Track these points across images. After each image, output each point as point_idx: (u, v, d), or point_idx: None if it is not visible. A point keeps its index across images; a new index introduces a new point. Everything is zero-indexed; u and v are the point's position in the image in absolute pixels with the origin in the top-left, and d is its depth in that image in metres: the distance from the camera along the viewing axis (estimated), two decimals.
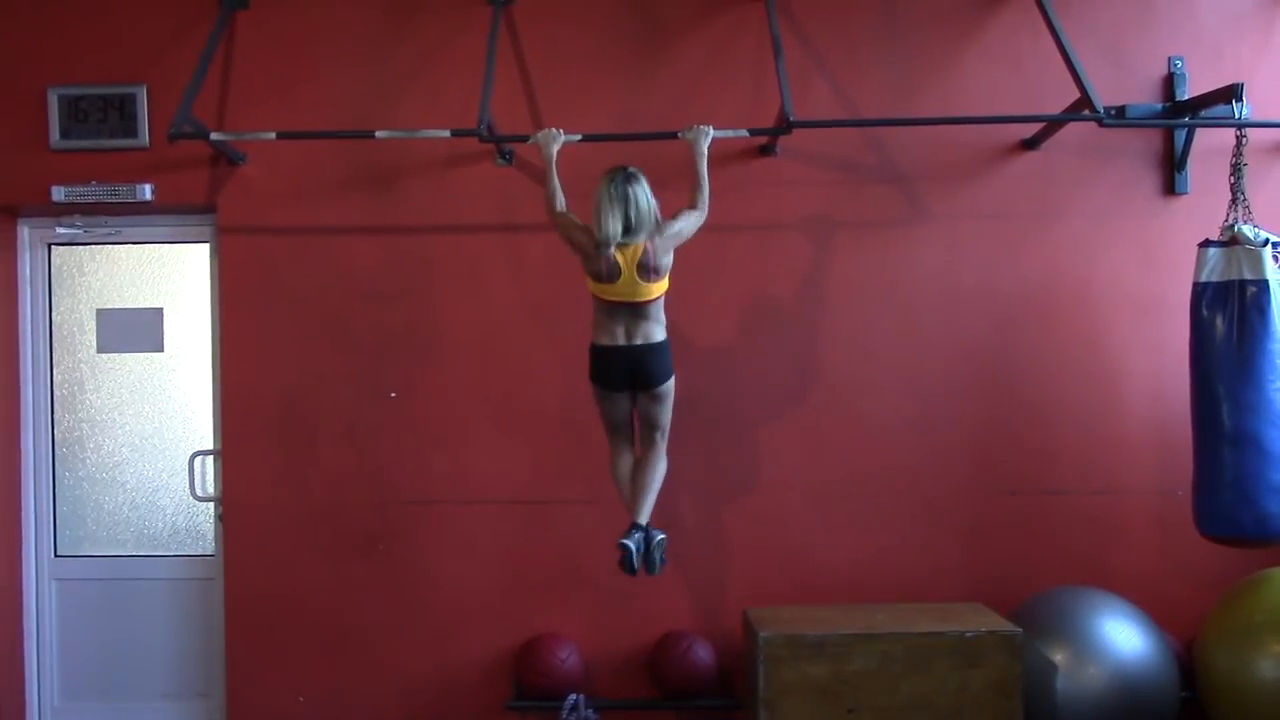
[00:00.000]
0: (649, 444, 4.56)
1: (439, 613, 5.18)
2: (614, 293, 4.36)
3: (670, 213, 4.45)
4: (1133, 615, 4.74)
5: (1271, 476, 4.44)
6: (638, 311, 4.40)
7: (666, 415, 4.52)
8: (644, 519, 4.49)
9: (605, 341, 4.43)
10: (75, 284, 5.48)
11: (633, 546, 4.38)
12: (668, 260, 4.39)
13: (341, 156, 5.16)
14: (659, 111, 5.09)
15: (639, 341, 4.40)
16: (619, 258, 4.32)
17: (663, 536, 4.53)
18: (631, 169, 4.38)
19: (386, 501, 5.19)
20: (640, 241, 4.32)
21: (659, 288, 4.40)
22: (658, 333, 4.43)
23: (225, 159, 5.16)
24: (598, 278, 4.37)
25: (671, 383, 4.48)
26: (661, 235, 4.36)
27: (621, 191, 4.31)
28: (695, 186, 4.51)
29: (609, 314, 4.41)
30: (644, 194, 4.34)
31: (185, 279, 5.47)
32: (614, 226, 4.29)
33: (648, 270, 4.34)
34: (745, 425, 5.18)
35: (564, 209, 4.51)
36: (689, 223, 4.47)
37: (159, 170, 5.20)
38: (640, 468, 4.55)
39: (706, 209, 4.51)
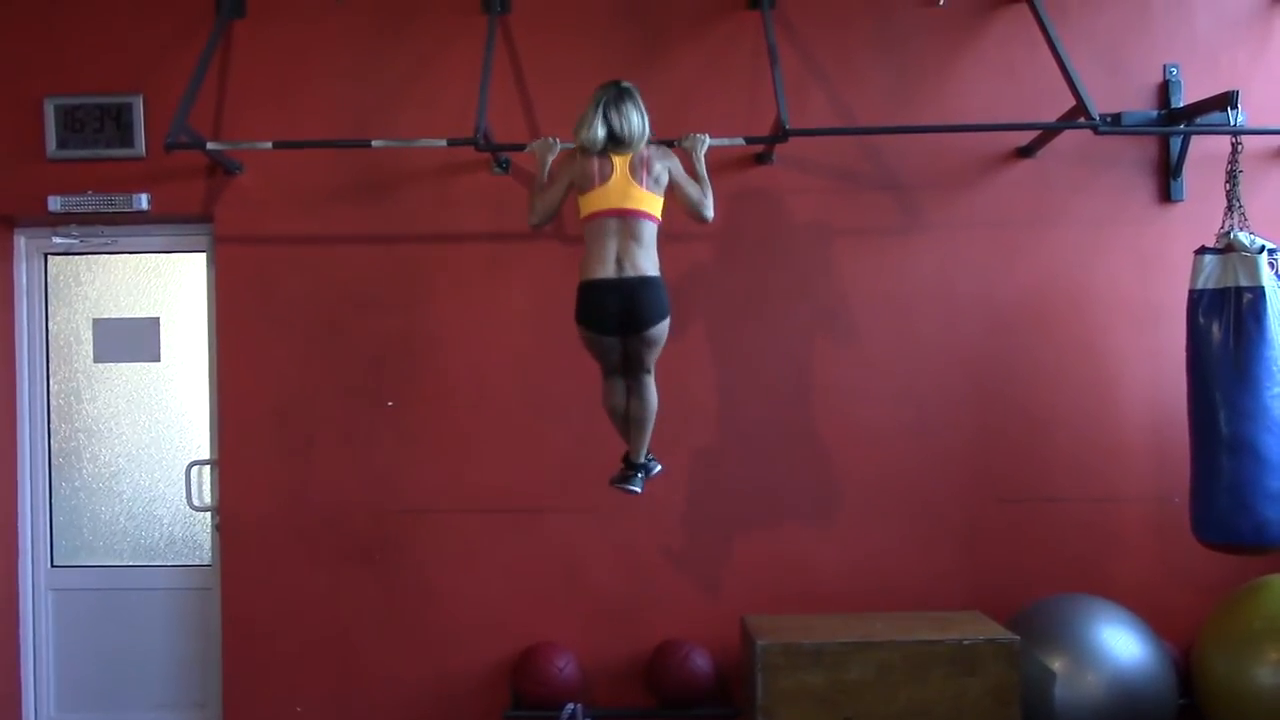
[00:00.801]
0: (638, 379, 4.44)
1: (437, 622, 5.17)
2: (604, 199, 4.24)
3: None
4: (1130, 623, 4.73)
5: (1268, 483, 4.44)
6: (630, 228, 4.25)
7: (657, 355, 4.41)
8: (640, 457, 4.52)
9: (595, 274, 4.25)
10: (72, 294, 5.48)
11: (638, 490, 4.51)
12: (663, 175, 4.30)
13: (338, 166, 5.16)
14: (656, 120, 5.02)
15: (630, 273, 4.23)
16: (614, 160, 4.25)
17: (660, 469, 4.57)
18: (625, 84, 4.30)
19: (384, 510, 5.18)
20: (633, 153, 4.26)
21: (652, 200, 4.28)
22: (650, 264, 4.28)
23: (222, 169, 5.17)
24: (589, 180, 4.25)
25: (666, 324, 4.34)
26: (660, 152, 4.30)
27: (612, 104, 4.26)
28: (700, 188, 4.49)
29: (598, 233, 4.27)
30: (635, 114, 4.27)
31: (182, 289, 5.47)
32: (595, 132, 4.22)
33: (641, 171, 4.24)
34: (743, 432, 5.18)
35: (545, 221, 4.48)
36: (688, 188, 4.39)
37: (155, 180, 5.21)
38: (631, 404, 4.47)
39: (711, 208, 4.47)
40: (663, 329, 4.35)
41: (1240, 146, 4.69)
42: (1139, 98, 5.19)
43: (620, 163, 4.27)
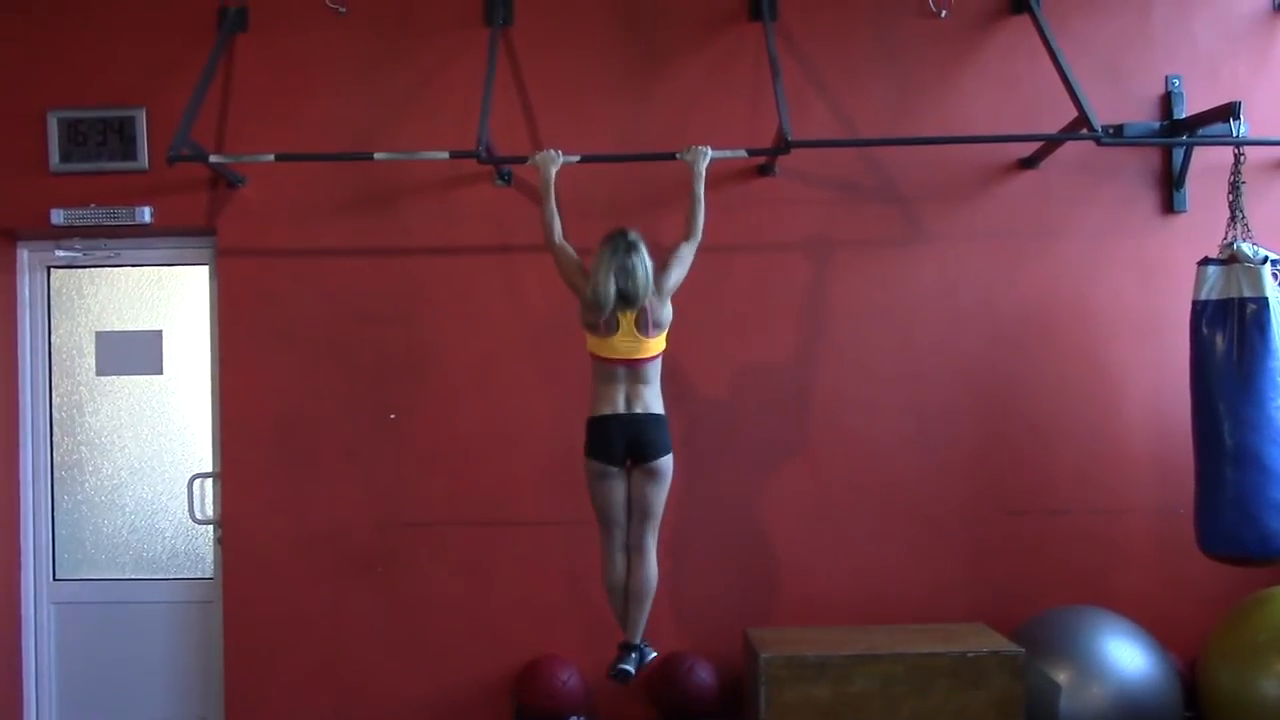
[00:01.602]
0: (639, 541, 4.46)
1: (439, 635, 5.16)
2: (611, 349, 4.36)
3: (666, 247, 4.44)
4: (1135, 635, 4.72)
5: (1274, 494, 4.43)
6: (637, 373, 4.38)
7: (660, 501, 4.45)
8: (636, 638, 4.52)
9: (604, 410, 4.39)
10: (74, 307, 5.48)
11: (632, 671, 4.48)
12: (667, 314, 4.41)
13: (340, 178, 5.17)
14: (658, 132, 5.10)
15: (639, 410, 4.37)
16: (620, 318, 4.34)
17: (654, 655, 4.58)
18: (632, 236, 4.35)
19: (386, 523, 5.18)
20: (637, 308, 4.35)
21: (657, 344, 4.41)
22: (657, 403, 4.41)
23: (224, 181, 5.17)
24: (594, 329, 4.37)
25: (670, 460, 4.42)
26: (659, 292, 4.38)
27: (621, 262, 4.30)
28: (690, 210, 4.50)
29: (607, 378, 4.39)
30: (642, 265, 4.31)
31: (184, 301, 5.47)
32: (609, 295, 4.29)
33: (646, 326, 4.35)
34: (745, 445, 5.17)
35: (562, 240, 4.50)
36: (682, 265, 4.46)
37: (158, 193, 5.21)
38: (632, 574, 4.48)
39: (700, 232, 4.50)
40: (668, 463, 4.42)
41: (1243, 157, 4.69)
42: (1141, 109, 5.20)
43: (626, 324, 4.35)
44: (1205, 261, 4.60)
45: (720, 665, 5.04)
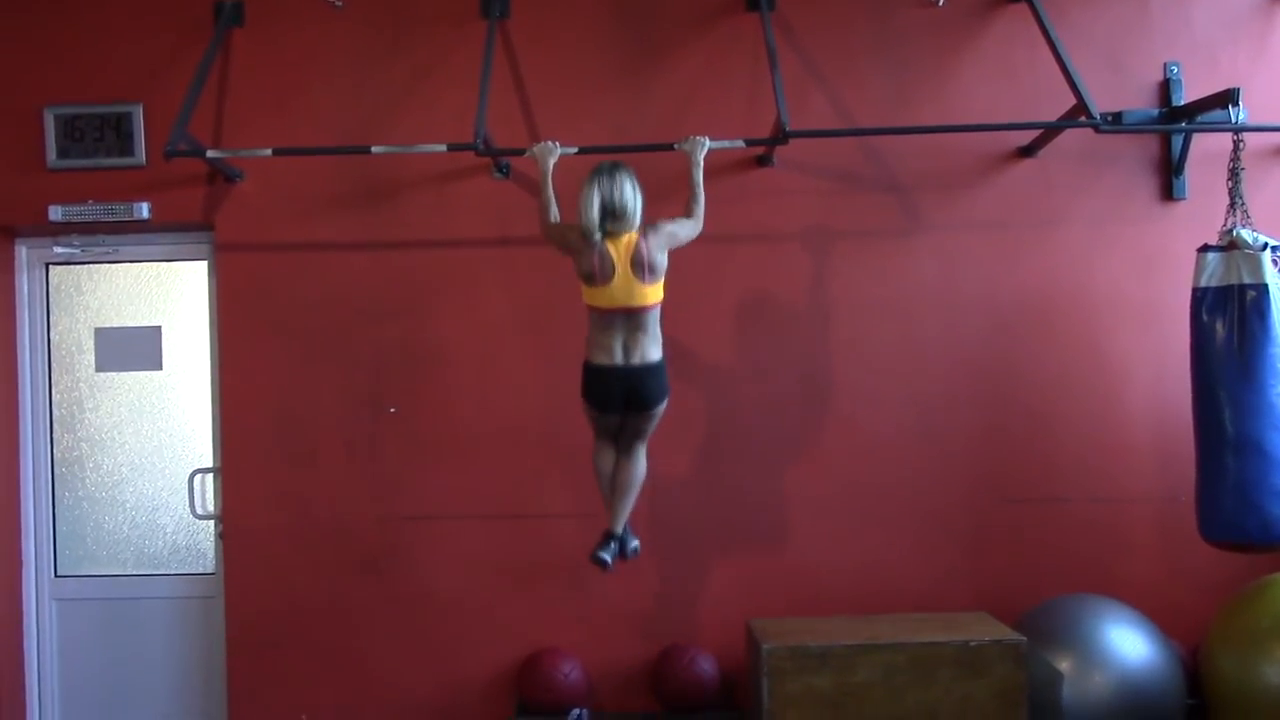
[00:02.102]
0: (630, 448, 4.52)
1: (441, 628, 5.16)
2: (609, 297, 4.32)
3: (668, 217, 4.44)
4: (1137, 622, 4.72)
5: (1275, 481, 4.42)
6: (635, 321, 4.35)
7: (653, 428, 4.51)
8: (619, 527, 4.55)
9: (602, 360, 4.37)
10: (73, 303, 5.48)
11: (608, 559, 4.50)
12: (663, 259, 4.35)
13: (338, 172, 5.16)
14: (655, 123, 5.10)
15: (637, 361, 4.35)
16: (611, 250, 4.30)
17: (636, 545, 4.63)
18: (617, 162, 4.37)
19: (387, 517, 5.18)
20: (628, 231, 4.31)
21: (655, 292, 4.36)
22: (655, 351, 4.39)
23: (222, 176, 5.17)
24: (591, 278, 4.32)
25: (666, 402, 4.45)
26: (655, 232, 4.35)
27: (605, 181, 4.30)
28: (691, 198, 4.50)
29: (606, 326, 4.36)
30: (629, 185, 4.31)
31: (183, 297, 5.47)
32: (595, 212, 4.27)
33: (643, 268, 4.30)
34: (745, 436, 5.17)
35: (557, 219, 4.51)
36: (684, 228, 4.45)
37: (156, 188, 5.21)
38: (620, 467, 4.53)
39: (702, 220, 4.50)
40: (663, 407, 4.46)
41: (1242, 144, 4.68)
42: (1140, 96, 5.19)
43: (621, 258, 4.30)
44: (1205, 248, 4.59)
45: (722, 656, 5.04)
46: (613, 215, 4.29)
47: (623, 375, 4.35)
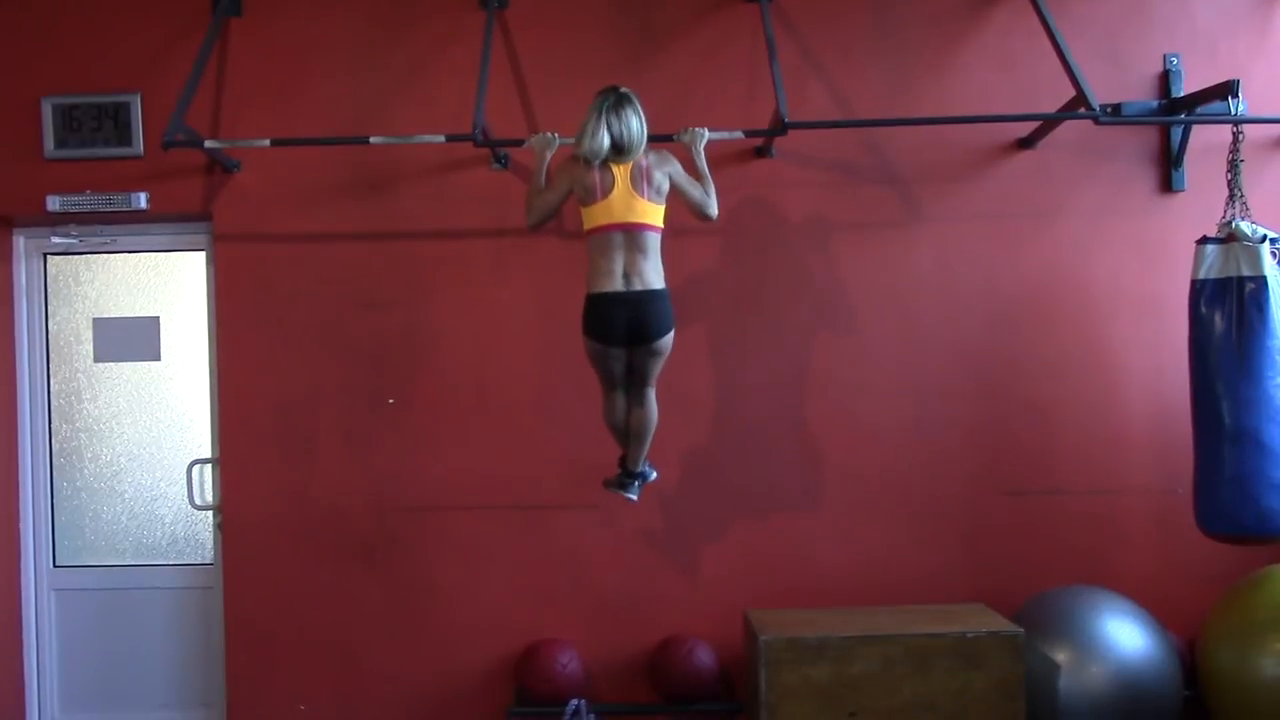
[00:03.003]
0: (639, 392, 4.50)
1: (440, 619, 5.17)
2: (607, 213, 4.27)
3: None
4: (1134, 614, 4.73)
5: (1272, 473, 4.43)
6: (635, 241, 4.29)
7: (660, 368, 4.48)
8: (639, 466, 4.60)
9: (603, 287, 4.29)
10: (71, 293, 5.47)
11: (634, 498, 4.63)
12: (664, 183, 4.33)
13: (336, 163, 5.15)
14: (654, 114, 5.02)
15: (638, 287, 4.28)
16: (614, 171, 4.28)
17: (656, 475, 4.68)
18: (624, 89, 4.34)
19: (386, 508, 5.18)
20: (632, 160, 4.30)
21: (655, 212, 4.31)
22: (657, 278, 4.32)
23: (220, 167, 5.16)
24: (590, 194, 4.28)
25: (671, 336, 4.39)
26: (660, 158, 4.32)
27: (612, 110, 4.27)
28: (702, 185, 4.50)
29: (604, 247, 4.29)
30: (634, 120, 4.29)
31: (181, 287, 5.46)
32: (600, 141, 4.24)
33: (641, 183, 4.27)
34: (744, 427, 5.17)
35: (544, 185, 4.48)
36: (692, 188, 4.42)
37: (154, 179, 5.20)
38: (631, 414, 4.53)
39: (715, 205, 4.48)
40: (669, 340, 4.40)
41: (1241, 135, 4.67)
42: (1139, 88, 5.18)
43: (621, 175, 4.28)
44: (1204, 240, 4.59)
45: (720, 647, 5.05)
46: (618, 149, 4.28)
47: (624, 301, 4.27)
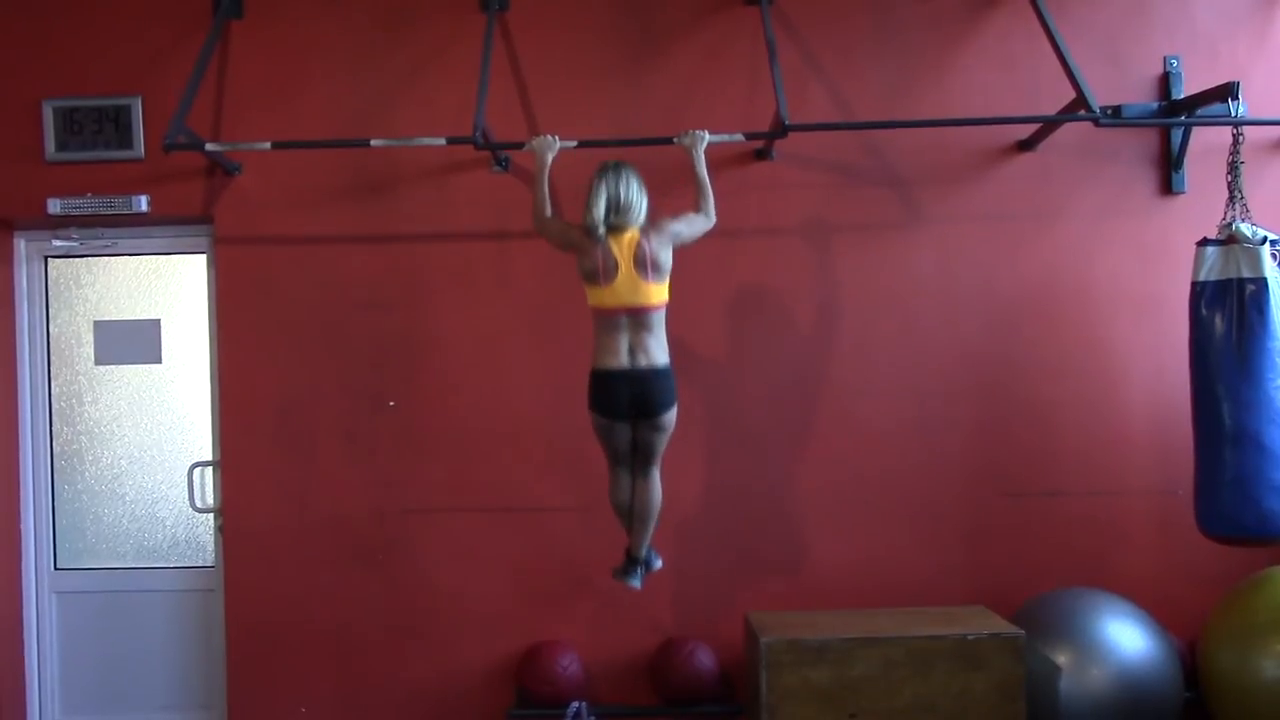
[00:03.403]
0: (643, 470, 4.50)
1: (440, 621, 5.17)
2: (613, 297, 4.32)
3: (672, 215, 4.45)
4: (1135, 616, 4.73)
5: (1273, 475, 4.43)
6: (639, 322, 4.34)
7: (664, 444, 4.48)
8: (642, 552, 4.56)
9: (608, 364, 4.35)
10: (72, 296, 5.48)
11: (638, 585, 4.61)
12: (666, 258, 4.35)
13: (337, 165, 5.16)
14: (654, 117, 5.09)
15: (643, 364, 4.33)
16: (614, 248, 4.30)
17: (659, 563, 4.65)
18: (622, 161, 4.40)
19: (386, 510, 5.18)
20: (632, 228, 4.32)
21: (659, 291, 4.36)
22: (661, 355, 4.37)
23: (221, 169, 5.16)
24: (594, 276, 4.33)
25: (674, 411, 4.42)
26: (658, 231, 4.35)
27: (610, 179, 4.33)
28: (698, 194, 4.50)
29: (610, 328, 4.35)
30: (634, 182, 4.34)
31: (182, 290, 5.46)
32: (600, 209, 4.29)
33: (645, 266, 4.30)
34: (745, 429, 5.17)
35: (552, 214, 4.51)
36: (690, 226, 4.44)
37: (155, 181, 5.20)
38: (636, 496, 4.52)
39: (713, 214, 4.49)
40: (672, 415, 4.42)
41: (1241, 137, 4.67)
42: (1139, 90, 5.18)
43: (624, 258, 4.31)
44: (1204, 242, 4.59)
45: (721, 649, 5.05)
46: (616, 209, 4.30)
47: (629, 378, 4.33)
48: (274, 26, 5.21)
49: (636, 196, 4.34)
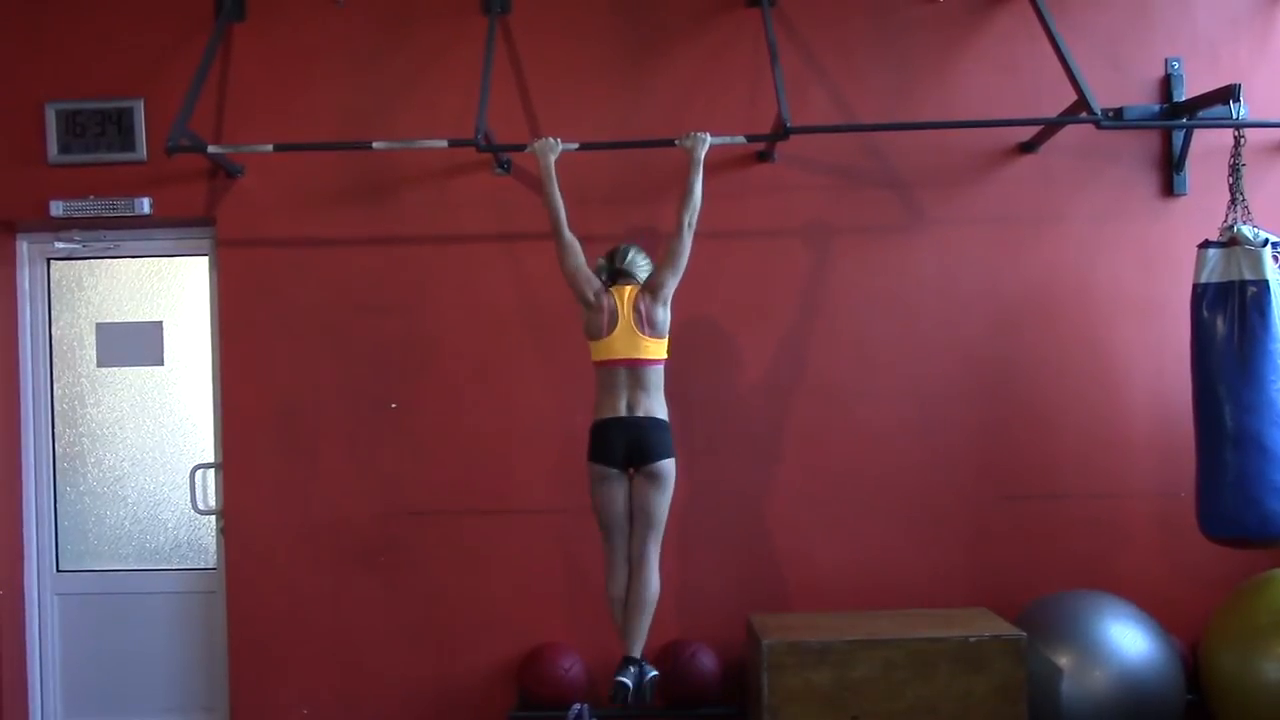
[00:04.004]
0: (641, 550, 4.46)
1: (442, 623, 5.17)
2: (613, 350, 4.38)
3: (664, 233, 4.50)
4: (1137, 618, 4.72)
5: (1274, 476, 4.43)
6: (638, 378, 4.39)
7: (663, 509, 4.44)
8: (637, 651, 4.47)
9: (605, 415, 4.41)
10: (74, 298, 5.48)
11: (629, 684, 4.39)
12: (663, 316, 4.43)
13: (339, 168, 5.16)
14: (656, 119, 5.09)
15: (640, 414, 4.38)
16: (616, 300, 4.38)
17: (654, 674, 4.50)
18: (631, 243, 4.61)
19: (388, 512, 5.18)
20: (634, 284, 4.43)
21: (658, 347, 4.42)
22: (659, 409, 4.41)
23: (223, 172, 5.17)
24: (597, 331, 4.40)
25: (672, 465, 4.41)
26: (653, 297, 4.42)
27: (620, 249, 4.52)
28: (685, 199, 4.49)
29: (609, 384, 4.41)
30: (640, 255, 4.53)
31: (184, 292, 5.47)
32: (608, 258, 4.48)
33: (643, 324, 4.37)
34: (746, 431, 5.17)
35: (571, 235, 4.50)
36: (672, 277, 4.47)
37: (157, 184, 5.21)
38: (632, 585, 4.47)
39: (693, 228, 4.48)
40: (668, 467, 4.42)
41: (1243, 140, 4.68)
42: (1141, 92, 5.18)
43: (624, 314, 4.40)
44: (1205, 244, 4.59)
45: (723, 651, 5.05)
46: (621, 262, 4.49)
47: (625, 426, 4.38)
48: (276, 29, 5.22)
49: (640, 258, 4.51)
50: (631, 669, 4.42)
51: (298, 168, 5.12)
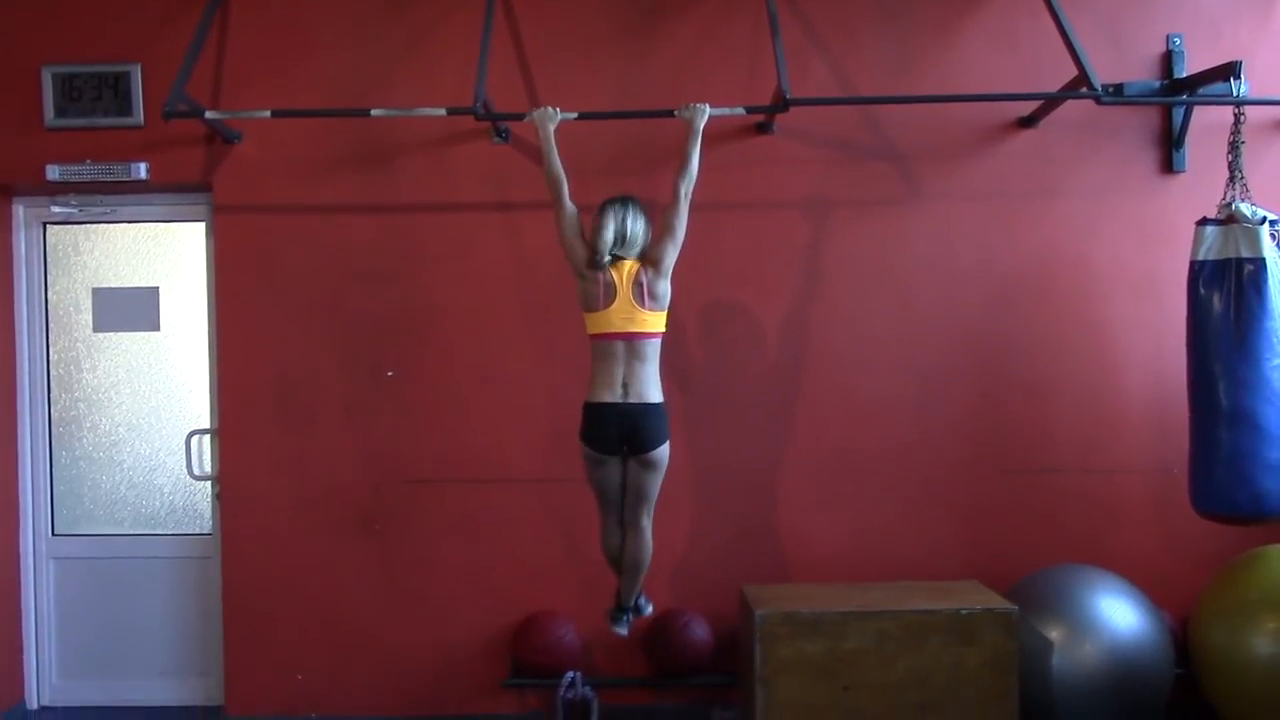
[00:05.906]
0: (635, 519, 4.49)
1: (436, 591, 5.19)
2: (610, 323, 4.36)
3: (662, 204, 4.46)
4: (1128, 593, 4.75)
5: (1267, 454, 4.44)
6: (635, 351, 4.37)
7: (656, 486, 4.47)
8: (631, 601, 4.62)
9: (601, 397, 4.38)
10: (71, 263, 5.47)
11: (624, 632, 4.69)
12: (664, 288, 4.40)
13: (337, 135, 5.15)
14: (656, 89, 5.08)
15: (635, 399, 4.35)
16: (614, 275, 4.36)
17: (651, 610, 4.74)
18: (628, 196, 4.48)
19: (384, 480, 5.19)
20: (632, 257, 4.40)
21: (656, 320, 4.39)
22: (655, 390, 4.39)
23: (220, 137, 5.15)
24: (594, 302, 4.37)
25: (666, 449, 4.42)
26: (655, 271, 4.39)
27: (617, 212, 4.40)
28: (682, 169, 4.46)
29: (606, 356, 4.38)
30: (640, 219, 4.43)
31: (181, 258, 5.46)
32: (606, 236, 4.36)
33: (644, 295, 4.35)
34: (741, 404, 5.18)
35: (572, 210, 4.46)
36: (671, 248, 4.41)
37: (154, 149, 5.19)
38: (626, 548, 4.53)
39: (689, 199, 4.44)
40: (663, 452, 4.42)
41: (1243, 117, 4.67)
42: (1141, 68, 5.17)
43: (623, 287, 4.36)
44: (1203, 222, 4.59)
45: (716, 621, 5.08)
46: (621, 242, 4.39)
47: (620, 412, 4.36)
48: None
49: (640, 230, 4.43)
50: (627, 615, 4.66)
51: (295, 134, 5.11)
